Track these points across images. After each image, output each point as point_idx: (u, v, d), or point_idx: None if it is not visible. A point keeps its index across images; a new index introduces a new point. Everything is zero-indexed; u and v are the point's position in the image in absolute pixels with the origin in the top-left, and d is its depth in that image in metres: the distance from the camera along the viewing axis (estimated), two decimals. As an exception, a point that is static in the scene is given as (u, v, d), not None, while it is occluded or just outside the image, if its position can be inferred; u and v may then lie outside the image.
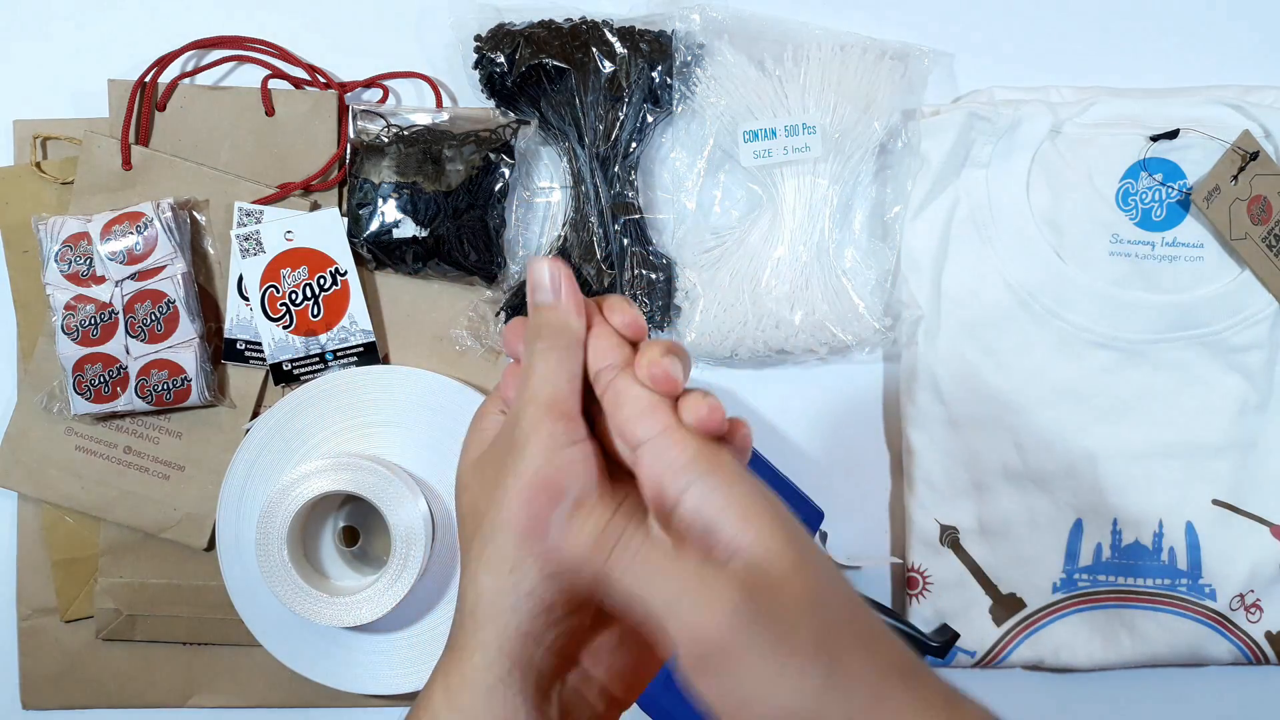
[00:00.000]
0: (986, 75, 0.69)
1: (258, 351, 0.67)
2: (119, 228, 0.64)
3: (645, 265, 0.67)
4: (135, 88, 0.67)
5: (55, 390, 0.67)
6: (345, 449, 0.66)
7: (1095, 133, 0.66)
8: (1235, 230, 0.65)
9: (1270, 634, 0.68)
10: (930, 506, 0.68)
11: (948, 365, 0.67)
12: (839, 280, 0.67)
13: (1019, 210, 0.66)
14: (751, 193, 0.68)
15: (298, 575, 0.62)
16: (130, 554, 0.69)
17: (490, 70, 0.66)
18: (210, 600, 0.68)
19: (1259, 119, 0.66)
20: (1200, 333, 0.66)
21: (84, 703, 0.70)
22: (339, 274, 0.67)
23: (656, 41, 0.66)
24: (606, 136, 0.66)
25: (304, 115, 0.67)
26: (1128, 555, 0.68)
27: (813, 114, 0.65)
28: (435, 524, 0.66)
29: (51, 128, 0.68)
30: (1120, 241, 0.66)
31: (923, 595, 0.68)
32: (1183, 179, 0.66)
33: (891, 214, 0.67)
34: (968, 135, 0.66)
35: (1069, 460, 0.67)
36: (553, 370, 0.37)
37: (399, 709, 0.70)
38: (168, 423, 0.68)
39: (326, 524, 0.67)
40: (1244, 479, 0.67)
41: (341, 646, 0.67)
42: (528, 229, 0.69)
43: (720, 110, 0.66)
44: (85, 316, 0.65)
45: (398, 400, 0.66)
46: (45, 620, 0.69)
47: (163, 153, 0.67)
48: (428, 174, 0.66)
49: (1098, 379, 0.67)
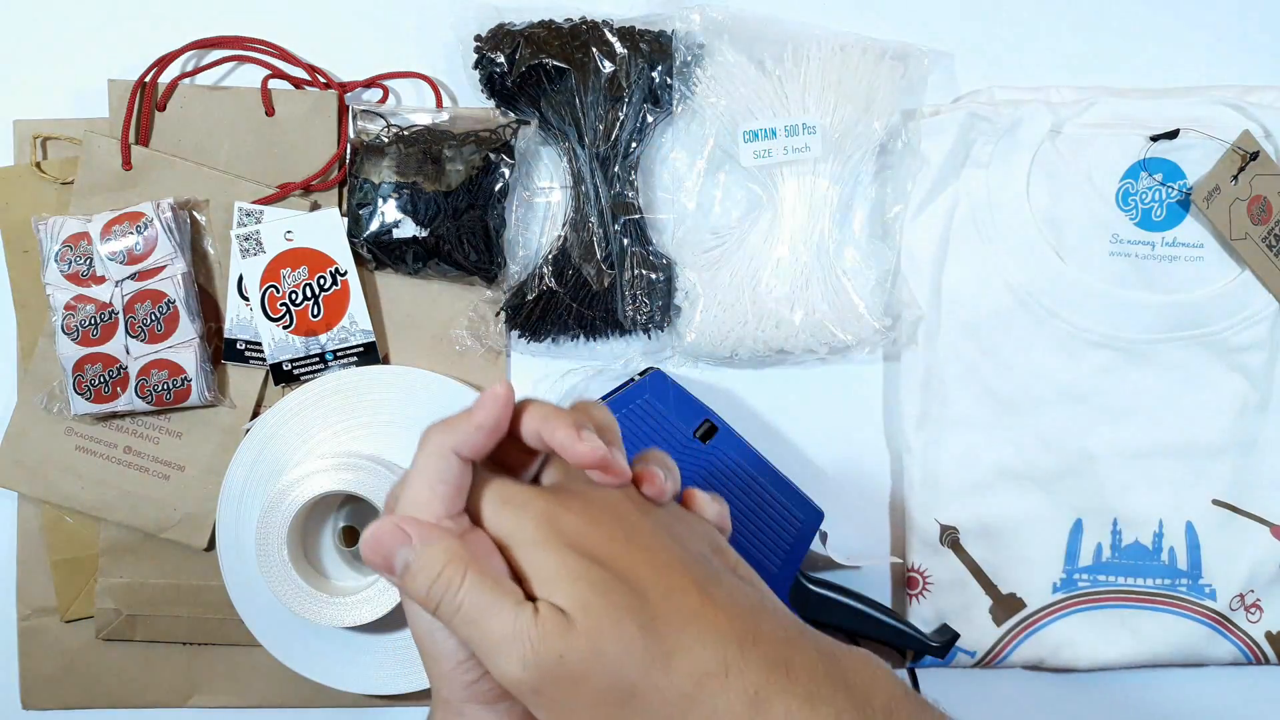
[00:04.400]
0: (986, 75, 0.69)
1: (258, 351, 0.67)
2: (119, 228, 0.64)
3: (645, 265, 0.67)
4: (135, 88, 0.67)
5: (55, 390, 0.67)
6: (345, 449, 0.66)
7: (1095, 133, 0.66)
8: (1235, 230, 0.65)
9: (1270, 634, 0.68)
10: (930, 506, 0.68)
11: (948, 365, 0.67)
12: (839, 280, 0.67)
13: (1019, 210, 0.66)
14: (751, 193, 0.68)
15: (298, 575, 0.62)
16: (130, 554, 0.69)
17: (490, 70, 0.66)
18: (210, 600, 0.68)
19: (1259, 119, 0.66)
20: (1200, 333, 0.66)
21: (84, 703, 0.70)
22: (339, 274, 0.67)
23: (656, 41, 0.66)
24: (606, 136, 0.66)
25: (304, 115, 0.67)
26: (1128, 555, 0.68)
27: (813, 114, 0.65)
28: (435, 524, 0.66)
29: (51, 128, 0.68)
30: (1120, 241, 0.66)
31: (923, 595, 0.68)
32: (1183, 179, 0.66)
33: (891, 214, 0.67)
34: (968, 135, 0.66)
35: (1069, 460, 0.67)
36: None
37: (399, 709, 0.70)
38: (168, 423, 0.68)
39: (326, 524, 0.67)
40: (1244, 479, 0.67)
41: (341, 646, 0.67)
42: (528, 229, 0.69)
43: (720, 110, 0.66)
44: (85, 316, 0.65)
45: (398, 400, 0.66)
46: (45, 620, 0.69)
47: (163, 153, 0.67)
48: (428, 174, 0.66)
49: (1098, 379, 0.67)
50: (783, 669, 0.35)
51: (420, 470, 0.38)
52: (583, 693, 0.35)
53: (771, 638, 0.36)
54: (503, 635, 0.35)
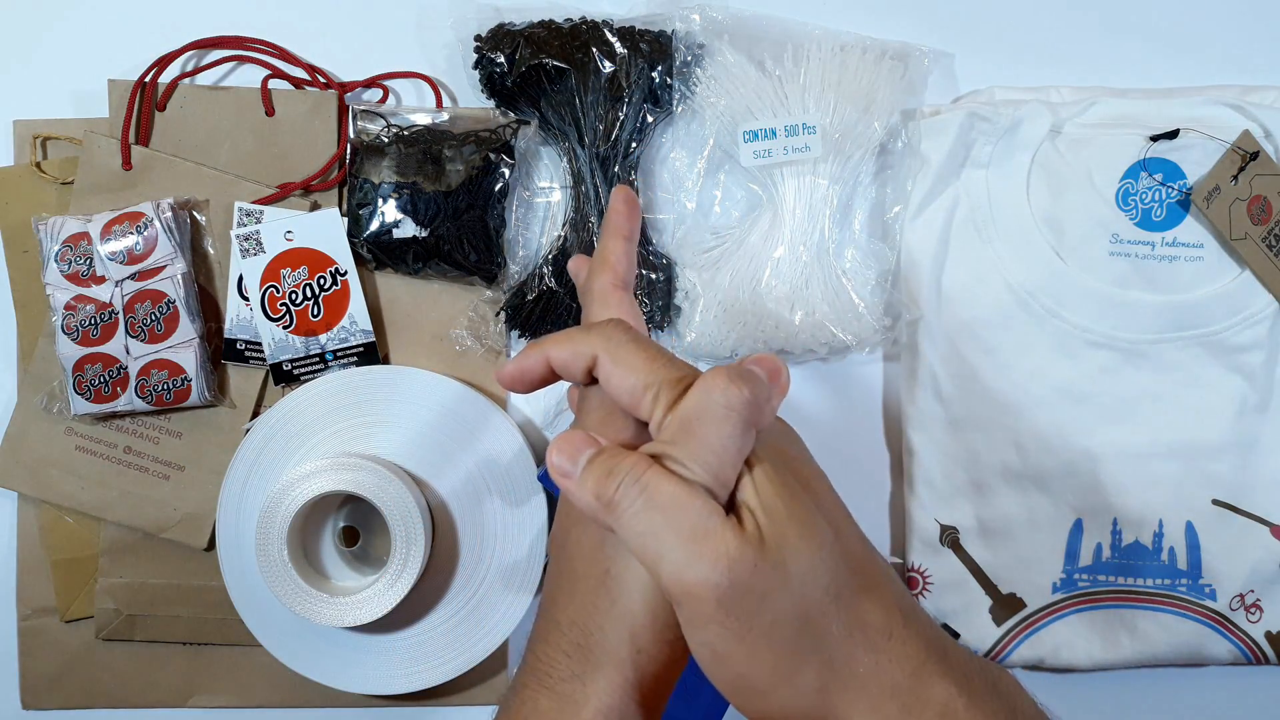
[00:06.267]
0: (986, 75, 0.69)
1: (258, 351, 0.67)
2: (119, 228, 0.64)
3: (645, 265, 0.67)
4: (135, 88, 0.67)
5: (55, 390, 0.67)
6: (345, 449, 0.66)
7: (1095, 133, 0.66)
8: (1235, 230, 0.65)
9: (1270, 634, 0.68)
10: (930, 506, 0.68)
11: (948, 365, 0.67)
12: (839, 280, 0.67)
13: (1019, 210, 0.66)
14: (751, 193, 0.68)
15: (298, 575, 0.62)
16: (130, 554, 0.69)
17: (490, 70, 0.66)
18: (210, 600, 0.68)
19: (1259, 119, 0.66)
20: (1200, 333, 0.66)
21: (84, 703, 0.70)
22: (339, 274, 0.67)
23: (656, 41, 0.66)
24: (606, 136, 0.66)
25: (304, 115, 0.67)
26: (1128, 555, 0.68)
27: (813, 114, 0.65)
28: (435, 524, 0.66)
29: (51, 128, 0.68)
30: (1120, 241, 0.66)
31: (923, 595, 0.68)
32: (1183, 179, 0.66)
33: (891, 214, 0.67)
34: (968, 135, 0.66)
35: (1069, 460, 0.67)
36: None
37: (399, 709, 0.70)
38: (168, 423, 0.68)
39: (326, 524, 0.67)
40: (1244, 479, 0.67)
41: (341, 646, 0.67)
42: (528, 229, 0.69)
43: (720, 110, 0.66)
44: (85, 316, 0.65)
45: (398, 400, 0.66)
46: (45, 620, 0.69)
47: (163, 153, 0.67)
48: (428, 174, 0.66)
49: (1098, 379, 0.67)
50: (939, 654, 0.36)
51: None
52: (765, 611, 0.33)
53: (925, 622, 0.37)
54: (695, 529, 0.33)
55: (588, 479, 0.35)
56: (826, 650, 0.34)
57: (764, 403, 0.36)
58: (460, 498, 0.66)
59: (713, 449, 0.35)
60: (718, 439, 0.35)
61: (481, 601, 0.66)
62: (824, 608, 0.34)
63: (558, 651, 0.38)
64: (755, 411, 0.36)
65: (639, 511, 0.34)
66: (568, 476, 0.36)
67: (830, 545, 0.35)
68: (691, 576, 0.33)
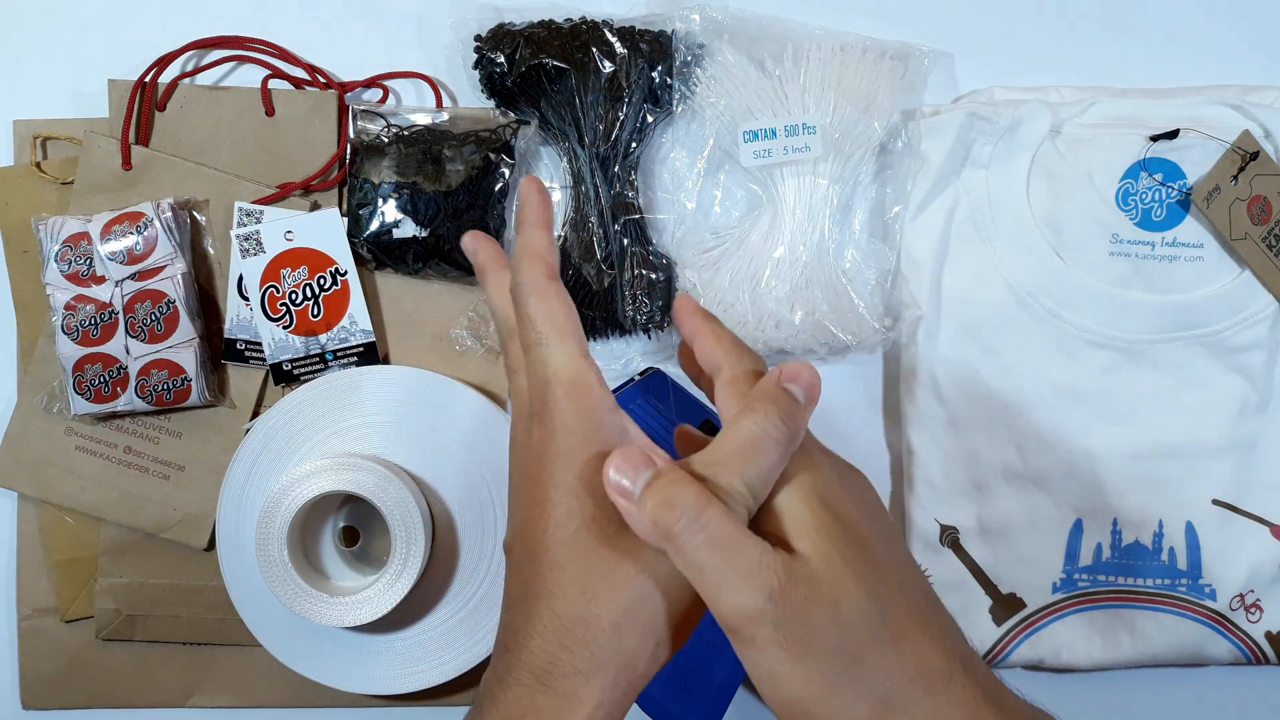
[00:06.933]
0: (986, 75, 0.69)
1: (258, 351, 0.67)
2: (119, 228, 0.64)
3: (645, 265, 0.67)
4: (135, 88, 0.67)
5: (55, 390, 0.67)
6: (345, 449, 0.66)
7: (1095, 133, 0.66)
8: (1235, 230, 0.65)
9: (1270, 634, 0.68)
10: (930, 506, 0.68)
11: (948, 365, 0.67)
12: (839, 280, 0.67)
13: (1019, 210, 0.66)
14: (751, 193, 0.68)
15: (298, 575, 0.62)
16: (130, 554, 0.69)
17: (490, 70, 0.66)
18: (210, 600, 0.68)
19: (1259, 119, 0.66)
20: (1200, 333, 0.66)
21: (84, 703, 0.70)
22: (339, 274, 0.67)
23: (656, 41, 0.66)
24: (606, 136, 0.66)
25: (304, 115, 0.67)
26: (1128, 555, 0.68)
27: (813, 114, 0.65)
28: (435, 524, 0.66)
29: (51, 128, 0.68)
30: (1120, 241, 0.66)
31: (923, 595, 0.68)
32: (1183, 179, 0.66)
33: (891, 214, 0.67)
34: (968, 135, 0.66)
35: (1069, 460, 0.67)
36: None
37: (399, 709, 0.70)
38: (168, 423, 0.68)
39: (326, 524, 0.67)
40: (1244, 479, 0.67)
41: (341, 646, 0.67)
42: (528, 229, 0.69)
43: (720, 110, 0.66)
44: (85, 316, 0.65)
45: (398, 400, 0.66)
46: (45, 620, 0.69)
47: (163, 153, 0.67)
48: (428, 174, 0.66)
49: (1098, 379, 0.67)
50: (994, 703, 0.36)
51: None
52: (818, 639, 0.35)
53: (983, 670, 0.38)
54: (749, 565, 0.35)
55: (646, 504, 0.37)
56: (883, 689, 0.35)
57: (802, 426, 0.40)
58: (460, 498, 0.66)
59: (761, 476, 0.38)
60: (766, 466, 0.38)
61: (481, 601, 0.66)
62: (882, 649, 0.36)
63: (559, 648, 0.37)
64: (795, 439, 0.39)
65: (699, 547, 0.36)
66: (625, 496, 0.37)
67: (874, 584, 0.36)
68: (750, 604, 0.35)
